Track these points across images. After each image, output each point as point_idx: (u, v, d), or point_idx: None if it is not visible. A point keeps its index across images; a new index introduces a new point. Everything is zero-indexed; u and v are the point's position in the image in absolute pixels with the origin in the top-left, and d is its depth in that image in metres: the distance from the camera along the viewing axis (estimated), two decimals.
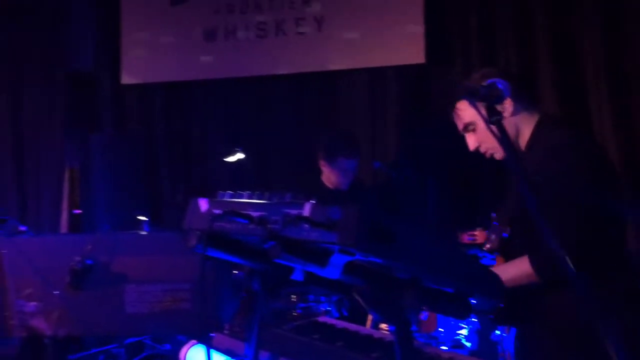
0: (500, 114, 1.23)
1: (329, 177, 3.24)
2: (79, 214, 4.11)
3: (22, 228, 1.78)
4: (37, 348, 1.71)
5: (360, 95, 3.89)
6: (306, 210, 1.00)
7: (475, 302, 1.19)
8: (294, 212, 1.02)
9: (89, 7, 4.29)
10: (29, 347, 1.70)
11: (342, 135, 3.27)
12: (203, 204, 1.28)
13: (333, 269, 1.02)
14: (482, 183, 3.50)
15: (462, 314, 1.10)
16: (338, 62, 3.86)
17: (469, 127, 1.72)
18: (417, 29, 3.62)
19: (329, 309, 2.71)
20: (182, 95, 4.23)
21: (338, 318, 2.57)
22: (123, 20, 4.21)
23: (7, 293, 1.70)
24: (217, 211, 1.20)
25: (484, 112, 1.21)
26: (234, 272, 2.09)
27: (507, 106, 1.67)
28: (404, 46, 3.68)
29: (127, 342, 2.95)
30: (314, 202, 1.02)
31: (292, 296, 2.68)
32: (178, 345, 2.97)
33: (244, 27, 4.00)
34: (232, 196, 1.24)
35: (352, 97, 3.92)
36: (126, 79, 4.26)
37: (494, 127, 1.20)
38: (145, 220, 2.75)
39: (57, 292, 1.69)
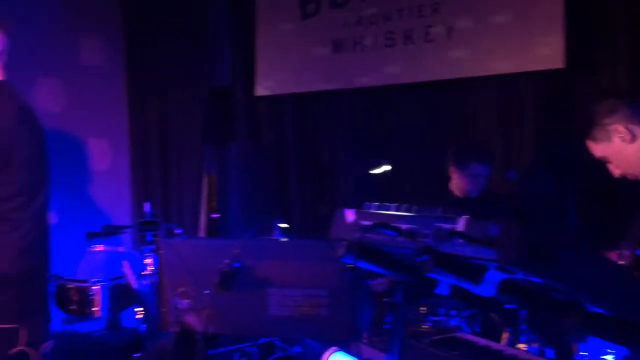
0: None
1: (458, 184, 3.18)
2: (217, 218, 4.38)
3: (178, 231, 1.94)
4: (190, 342, 1.86)
5: (492, 103, 3.77)
6: (460, 225, 0.99)
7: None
8: (446, 226, 1.02)
9: (227, 26, 4.57)
10: (182, 341, 1.85)
11: (474, 141, 3.21)
12: (349, 215, 1.32)
13: (487, 287, 1.00)
14: (625, 198, 3.23)
15: (629, 341, 1.03)
16: (469, 70, 3.77)
17: (605, 159, 1.67)
18: (555, 33, 3.42)
19: (460, 324, 2.65)
20: (311, 106, 4.37)
21: (470, 334, 2.50)
22: (257, 36, 4.44)
23: (164, 290, 1.86)
24: (365, 222, 1.23)
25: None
26: (370, 280, 2.12)
27: None
28: (541, 51, 3.50)
29: (260, 342, 3.10)
30: (468, 217, 1.01)
31: (422, 308, 2.66)
32: (308, 349, 3.07)
33: (373, 37, 4.05)
34: (379, 208, 1.26)
35: (483, 105, 3.80)
36: (259, 91, 4.49)
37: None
38: (283, 227, 2.87)
39: (208, 291, 1.82)
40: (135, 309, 2.96)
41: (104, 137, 4.72)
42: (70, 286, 2.89)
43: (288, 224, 3.07)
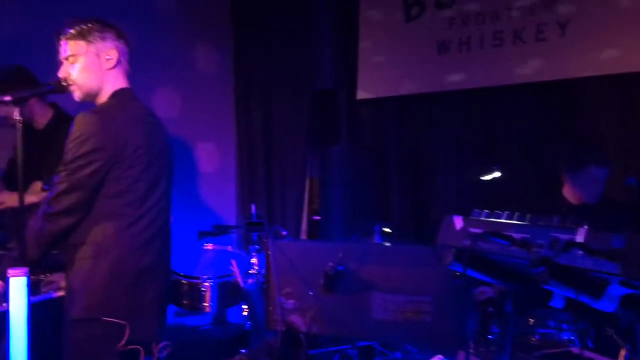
0: None
1: (573, 190, 3.00)
2: (318, 220, 4.46)
3: (284, 233, 2.00)
4: (294, 342, 1.91)
5: (609, 104, 3.53)
6: (580, 236, 0.94)
7: None
8: (564, 237, 0.97)
9: (331, 30, 4.64)
10: (287, 340, 1.90)
11: (591, 144, 3.03)
12: (458, 222, 1.29)
13: (609, 302, 0.94)
14: None
15: None
16: (583, 69, 3.56)
17: None
18: None
19: (572, 338, 2.50)
20: (414, 108, 4.32)
21: (582, 349, 2.36)
22: (360, 39, 4.47)
23: (271, 290, 1.93)
24: (474, 230, 1.20)
25: None
26: (476, 289, 2.06)
27: None
28: None
29: (361, 345, 3.12)
30: (587, 227, 0.95)
31: (530, 320, 2.54)
32: (408, 355, 3.05)
33: (479, 38, 3.94)
34: (489, 215, 1.22)
35: (599, 106, 3.57)
36: (361, 94, 4.51)
37: None
38: (384, 231, 2.87)
39: (312, 292, 1.86)
40: (242, 306, 3.08)
41: (212, 140, 4.96)
42: (183, 282, 3.06)
43: (389, 227, 3.06)
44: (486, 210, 1.19)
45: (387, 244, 1.92)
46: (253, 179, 4.98)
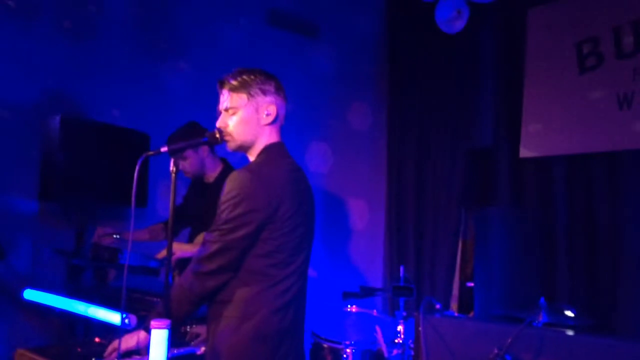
0: None
1: None
2: (471, 287, 4.08)
3: (438, 305, 1.77)
4: None
5: None
6: None
7: None
8: None
9: (491, 87, 4.37)
10: None
11: None
12: None
13: None
14: None
15: None
16: None
17: None
18: None
19: None
20: (587, 169, 3.84)
21: None
22: (525, 94, 4.13)
23: None
24: None
25: None
26: None
27: None
28: None
29: None
30: None
31: None
32: None
33: None
34: None
35: None
36: (525, 152, 4.13)
37: None
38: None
39: None
40: None
41: (362, 197, 4.86)
42: (325, 345, 2.90)
43: (551, 299, 2.63)
44: None
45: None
46: (402, 238, 4.76)
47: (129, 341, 1.97)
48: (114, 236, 2.96)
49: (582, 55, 3.85)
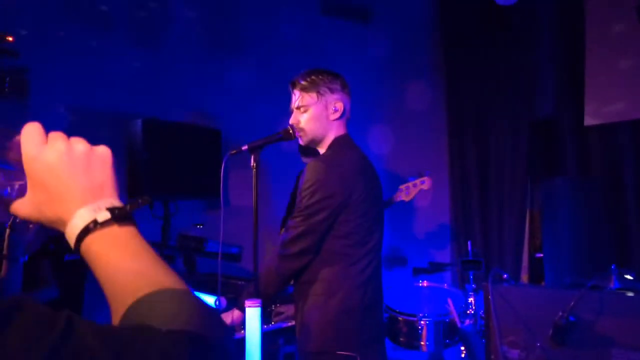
0: None
1: None
2: (541, 257, 4.11)
3: (505, 275, 1.88)
4: None
5: None
6: None
7: None
8: None
9: (551, 55, 4.33)
10: None
11: None
12: None
13: None
14: None
15: None
16: None
17: None
18: None
19: None
20: None
21: None
22: (587, 60, 4.08)
23: (492, 337, 1.81)
24: None
25: None
26: None
27: None
28: None
29: None
30: None
31: None
32: None
33: None
34: None
35: None
36: (589, 120, 4.09)
37: None
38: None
39: (539, 344, 1.70)
40: (460, 348, 2.96)
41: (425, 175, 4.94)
42: (400, 319, 3.06)
43: (631, 274, 2.66)
44: None
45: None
46: (468, 213, 4.82)
47: (225, 319, 2.20)
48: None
49: None
